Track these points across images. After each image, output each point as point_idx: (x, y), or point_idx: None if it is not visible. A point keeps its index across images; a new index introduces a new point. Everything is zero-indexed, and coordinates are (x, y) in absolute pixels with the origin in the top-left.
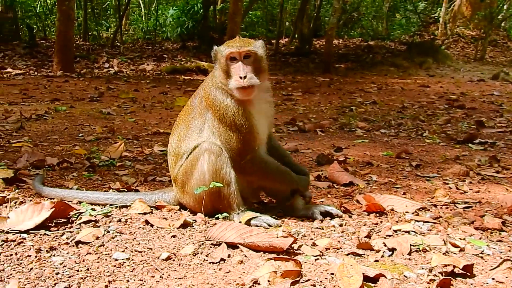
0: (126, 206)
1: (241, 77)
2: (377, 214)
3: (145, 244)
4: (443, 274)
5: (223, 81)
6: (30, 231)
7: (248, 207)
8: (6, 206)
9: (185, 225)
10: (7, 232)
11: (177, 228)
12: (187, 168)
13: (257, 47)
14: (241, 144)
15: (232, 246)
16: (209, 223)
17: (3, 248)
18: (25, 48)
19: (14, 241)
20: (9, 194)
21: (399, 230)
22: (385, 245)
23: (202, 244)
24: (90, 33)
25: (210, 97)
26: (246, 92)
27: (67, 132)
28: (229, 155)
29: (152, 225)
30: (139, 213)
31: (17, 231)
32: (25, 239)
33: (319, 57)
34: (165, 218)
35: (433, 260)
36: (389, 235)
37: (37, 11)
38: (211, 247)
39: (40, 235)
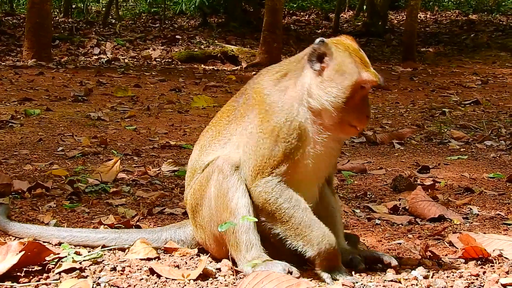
0: (123, 249)
1: (368, 116)
2: (479, 262)
3: None
4: None
5: (327, 108)
6: None
7: (266, 251)
8: None
9: (205, 275)
10: None
11: (194, 280)
12: (196, 189)
13: None
14: (267, 158)
15: None
16: (240, 272)
17: None
18: None
19: None
20: None
21: (510, 285)
22: None
23: None
24: (73, 6)
25: (261, 92)
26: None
27: (42, 145)
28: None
29: (159, 276)
30: (141, 259)
31: None
32: None
33: (397, 37)
34: (177, 266)
35: None
36: None
37: None
38: None
39: None
